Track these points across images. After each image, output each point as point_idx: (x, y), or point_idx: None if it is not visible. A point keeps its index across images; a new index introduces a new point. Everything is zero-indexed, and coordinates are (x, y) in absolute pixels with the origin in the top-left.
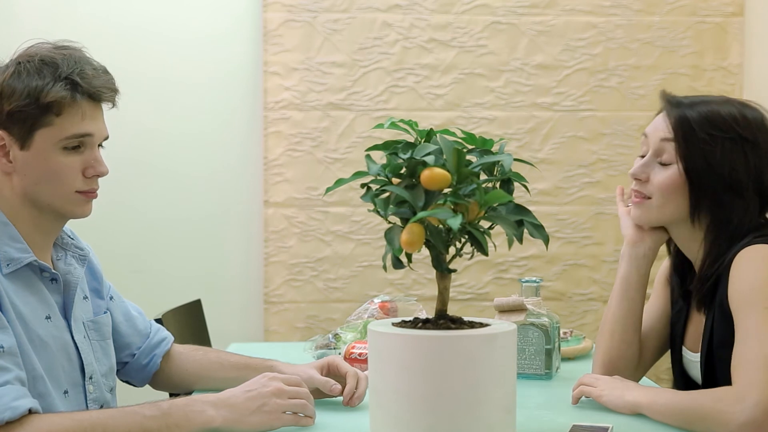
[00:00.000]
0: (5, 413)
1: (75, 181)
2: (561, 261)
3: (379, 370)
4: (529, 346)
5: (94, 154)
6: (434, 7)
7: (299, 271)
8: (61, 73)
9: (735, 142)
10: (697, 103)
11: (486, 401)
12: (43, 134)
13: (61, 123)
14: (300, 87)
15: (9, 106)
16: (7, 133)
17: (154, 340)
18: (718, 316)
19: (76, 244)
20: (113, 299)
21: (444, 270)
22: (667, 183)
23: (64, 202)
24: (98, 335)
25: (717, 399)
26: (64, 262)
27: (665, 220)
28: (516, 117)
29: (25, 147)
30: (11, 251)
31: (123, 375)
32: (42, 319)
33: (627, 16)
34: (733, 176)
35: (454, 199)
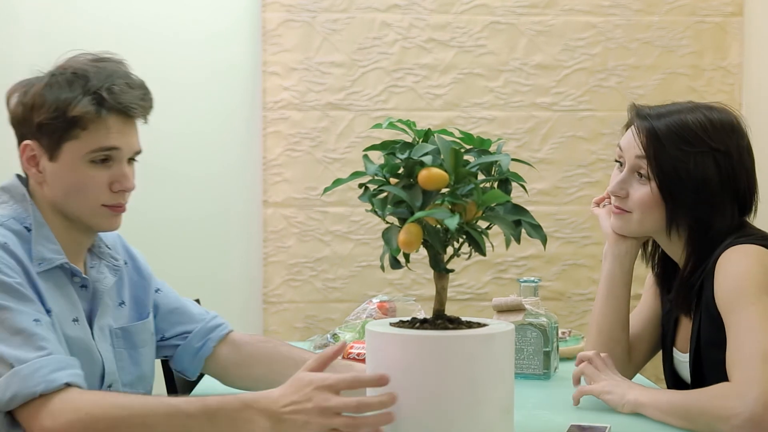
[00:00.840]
0: (39, 386)
1: (101, 194)
2: (560, 261)
3: (376, 370)
4: (527, 346)
5: (122, 168)
6: (433, 7)
7: (298, 271)
8: (90, 87)
9: (706, 154)
10: (665, 114)
11: (484, 401)
12: (71, 147)
13: (87, 137)
14: (299, 87)
15: (39, 117)
16: (37, 144)
17: (210, 324)
18: (704, 318)
19: (112, 254)
20: (160, 291)
21: (442, 270)
22: (645, 200)
23: (91, 215)
24: (127, 344)
25: (717, 396)
26: (97, 270)
27: (645, 232)
28: (515, 117)
29: (53, 158)
30: (44, 251)
31: (176, 363)
32: (70, 320)
33: (626, 15)
34: (707, 188)
35: (452, 199)
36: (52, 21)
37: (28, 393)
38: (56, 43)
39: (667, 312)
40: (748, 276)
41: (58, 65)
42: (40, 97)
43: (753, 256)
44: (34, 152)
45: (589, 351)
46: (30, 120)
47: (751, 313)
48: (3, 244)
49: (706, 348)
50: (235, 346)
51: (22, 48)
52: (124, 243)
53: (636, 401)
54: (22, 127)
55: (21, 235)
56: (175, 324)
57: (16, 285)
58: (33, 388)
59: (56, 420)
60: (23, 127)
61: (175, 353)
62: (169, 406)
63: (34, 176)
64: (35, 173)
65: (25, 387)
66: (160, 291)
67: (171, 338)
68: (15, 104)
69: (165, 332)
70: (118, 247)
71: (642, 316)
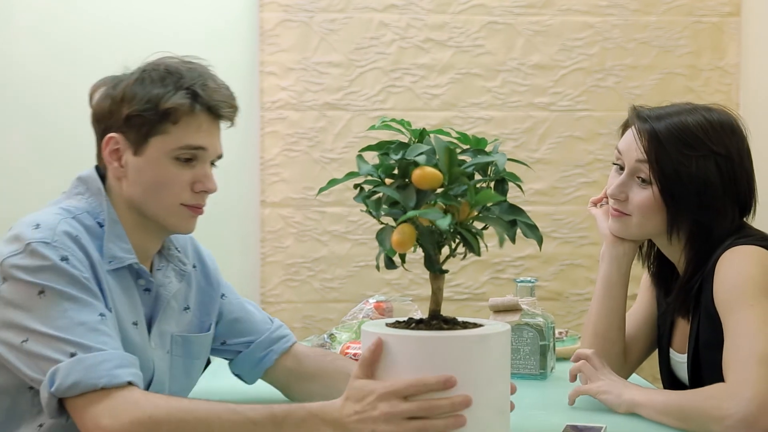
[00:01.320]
0: (103, 378)
1: (182, 193)
2: (557, 261)
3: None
4: (523, 346)
5: (205, 169)
6: (431, 7)
7: (296, 271)
8: (183, 83)
9: (707, 158)
10: (664, 116)
11: (479, 402)
12: (158, 142)
13: (177, 132)
14: (296, 87)
15: (128, 110)
16: (122, 137)
17: (274, 335)
18: (703, 319)
19: (181, 258)
20: (225, 297)
21: (436, 270)
22: (646, 204)
23: (168, 214)
24: (184, 352)
25: (711, 396)
26: (163, 274)
27: (645, 235)
28: (512, 117)
29: (138, 153)
30: (116, 249)
31: (235, 367)
32: (129, 323)
33: (623, 15)
34: (708, 192)
35: (445, 200)
36: (49, 20)
37: (90, 383)
38: (54, 43)
39: (663, 312)
40: (747, 277)
41: (147, 63)
42: (130, 90)
43: (752, 257)
44: (118, 146)
45: (588, 349)
46: (118, 112)
47: (749, 315)
48: (75, 237)
49: (704, 349)
50: (297, 360)
51: (19, 47)
52: (196, 246)
53: (632, 401)
54: (107, 120)
55: (92, 231)
56: (238, 333)
57: (84, 279)
58: (96, 380)
59: (117, 419)
60: (109, 120)
61: (235, 358)
62: (235, 412)
63: (115, 171)
64: (116, 168)
65: (88, 377)
66: (225, 297)
67: (233, 345)
68: (101, 97)
69: (227, 339)
70: (188, 250)
71: (638, 316)
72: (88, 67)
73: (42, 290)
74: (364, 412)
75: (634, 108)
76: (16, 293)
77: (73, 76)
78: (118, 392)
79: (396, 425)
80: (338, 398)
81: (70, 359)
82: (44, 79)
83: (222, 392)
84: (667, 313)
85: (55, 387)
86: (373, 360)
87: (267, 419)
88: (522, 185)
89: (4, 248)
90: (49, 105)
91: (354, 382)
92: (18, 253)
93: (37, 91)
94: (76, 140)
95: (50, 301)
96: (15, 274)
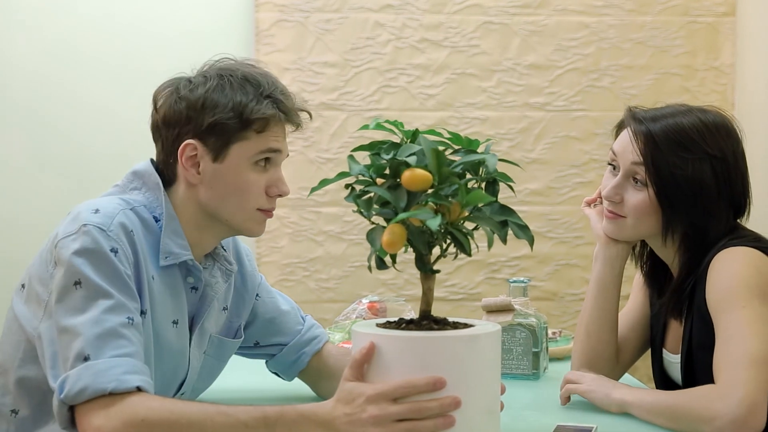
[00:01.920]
0: (111, 383)
1: (259, 198)
2: (553, 261)
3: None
4: (516, 346)
5: (278, 173)
6: (426, 7)
7: (291, 271)
8: (263, 91)
9: (703, 160)
10: (660, 118)
11: (468, 402)
12: (239, 148)
13: (258, 139)
14: (292, 87)
15: (211, 117)
16: (201, 144)
17: (305, 337)
18: (696, 320)
19: (227, 258)
20: (260, 297)
21: (427, 271)
22: (641, 205)
23: (245, 219)
24: (217, 353)
25: (701, 397)
26: (210, 273)
27: (639, 237)
28: (508, 117)
29: (218, 159)
30: (172, 245)
31: (270, 367)
32: (169, 322)
33: (619, 16)
34: (704, 194)
35: (435, 200)
36: (45, 20)
37: (98, 389)
38: (50, 42)
39: (656, 313)
40: (739, 278)
41: (217, 67)
42: (211, 99)
43: (745, 258)
44: (196, 152)
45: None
46: (198, 119)
47: (741, 317)
48: (129, 232)
49: (698, 350)
50: (324, 360)
51: (16, 46)
52: (237, 245)
53: (622, 400)
54: (183, 126)
55: (148, 225)
56: (271, 334)
57: (126, 276)
58: (105, 384)
59: (110, 420)
60: (186, 125)
61: (270, 360)
62: (227, 414)
63: (191, 177)
64: (193, 174)
65: (96, 382)
66: (259, 297)
67: (266, 347)
68: (174, 102)
69: (260, 340)
70: (231, 249)
71: (630, 316)
72: (85, 66)
73: (79, 281)
74: (354, 414)
75: (629, 109)
76: (59, 279)
77: (70, 76)
78: (124, 397)
79: (385, 427)
80: (329, 400)
81: (80, 366)
82: (41, 79)
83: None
84: (660, 314)
85: (65, 394)
86: (363, 361)
87: (259, 421)
88: (514, 185)
89: (62, 228)
90: (46, 104)
91: (344, 384)
92: (72, 234)
93: (33, 90)
94: (73, 139)
95: (83, 294)
96: (63, 255)
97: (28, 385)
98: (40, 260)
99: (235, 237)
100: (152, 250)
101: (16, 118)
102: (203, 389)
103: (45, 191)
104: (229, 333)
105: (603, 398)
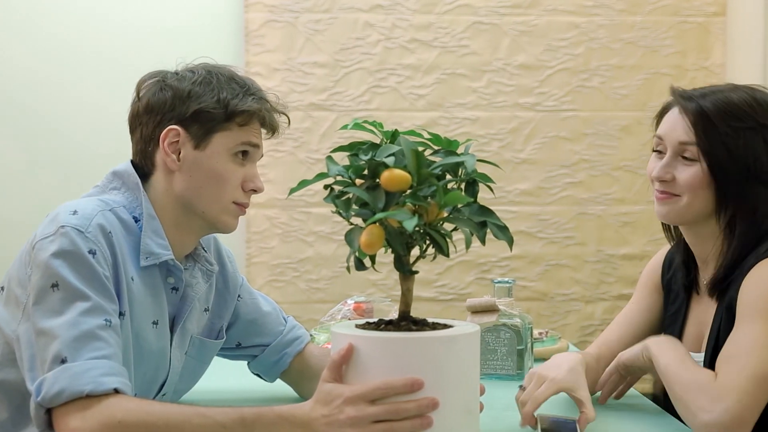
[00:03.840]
0: (88, 386)
1: (235, 191)
2: (543, 261)
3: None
4: (501, 346)
5: (254, 169)
6: (416, 7)
7: (281, 272)
8: (248, 89)
9: (755, 130)
10: (708, 94)
11: (447, 403)
12: (221, 137)
13: (240, 131)
14: (282, 87)
15: (197, 105)
16: (184, 131)
17: (287, 338)
18: (725, 318)
19: (208, 259)
20: (241, 298)
21: (406, 272)
22: (695, 180)
23: (220, 211)
24: (197, 354)
25: (698, 388)
26: (190, 274)
27: (693, 217)
28: (498, 117)
29: (199, 147)
30: (153, 245)
31: (252, 368)
32: (149, 323)
33: (609, 16)
34: (757, 166)
35: (413, 201)
36: (37, 20)
37: (75, 391)
38: (43, 42)
39: (673, 313)
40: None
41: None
42: (197, 89)
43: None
44: (178, 138)
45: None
46: (183, 107)
47: (760, 330)
48: (107, 234)
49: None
50: (306, 360)
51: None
52: (218, 246)
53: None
54: (166, 113)
55: (127, 226)
56: (252, 335)
57: (104, 277)
58: (82, 387)
59: (86, 422)
60: (169, 112)
61: (252, 361)
62: (204, 416)
63: (171, 163)
64: (172, 161)
65: (73, 384)
66: (241, 298)
67: (248, 347)
68: (158, 90)
69: (242, 341)
70: (212, 250)
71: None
72: (76, 65)
73: (56, 283)
74: (331, 415)
75: (675, 89)
76: (37, 281)
77: (62, 75)
78: (101, 399)
79: (363, 428)
80: (308, 401)
81: (57, 368)
82: (33, 77)
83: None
84: (678, 313)
85: (41, 396)
86: (342, 363)
87: (236, 423)
88: (504, 186)
89: (41, 230)
90: (37, 103)
91: (323, 385)
92: (50, 235)
93: (25, 88)
94: (65, 138)
95: (61, 296)
96: (41, 257)
97: (7, 387)
98: (20, 262)
99: (217, 238)
100: (131, 250)
101: (8, 118)
102: (185, 390)
103: (37, 191)
104: (211, 334)
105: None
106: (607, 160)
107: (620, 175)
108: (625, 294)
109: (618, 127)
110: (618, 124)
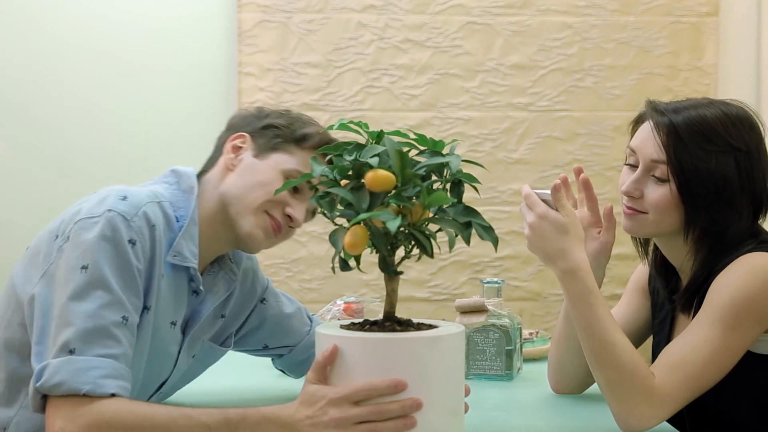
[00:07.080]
0: (87, 385)
1: (273, 203)
2: (536, 261)
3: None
4: (489, 347)
5: (300, 204)
6: (409, 7)
7: (274, 272)
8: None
9: (727, 153)
10: (681, 110)
11: (431, 403)
12: (281, 155)
13: (301, 155)
14: (274, 88)
15: (271, 120)
16: (251, 139)
17: (313, 338)
18: None
19: (233, 269)
20: (267, 301)
21: (390, 272)
22: (663, 201)
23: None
24: (203, 357)
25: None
26: (213, 280)
27: (659, 233)
28: (491, 117)
29: (259, 156)
30: (184, 248)
31: (278, 365)
32: (168, 322)
33: (602, 16)
34: (726, 189)
35: (397, 201)
36: (30, 19)
37: (74, 387)
38: (37, 41)
39: (661, 320)
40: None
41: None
42: (274, 114)
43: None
44: (244, 144)
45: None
46: (257, 120)
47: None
48: (152, 226)
49: None
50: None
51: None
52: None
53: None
54: (242, 126)
55: (169, 222)
56: (279, 337)
57: (136, 270)
58: (81, 385)
59: (74, 422)
60: (244, 123)
61: (278, 359)
62: (190, 417)
63: (228, 161)
64: (231, 158)
65: (73, 380)
66: (266, 302)
67: (274, 348)
68: (242, 113)
69: (269, 343)
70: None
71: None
72: (71, 63)
73: (86, 265)
74: (315, 417)
75: (650, 102)
76: (67, 258)
77: (57, 73)
78: (96, 401)
79: (346, 429)
80: (292, 402)
81: (63, 357)
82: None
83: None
84: (666, 320)
85: (41, 383)
86: (326, 364)
87: (221, 424)
88: (486, 186)
89: (87, 207)
90: (32, 101)
91: (307, 386)
92: (95, 216)
93: (20, 87)
94: (61, 138)
95: (87, 279)
96: (81, 236)
97: (10, 347)
98: (50, 230)
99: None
100: (168, 248)
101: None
102: (179, 389)
103: (32, 190)
104: (219, 340)
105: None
106: (600, 160)
107: (613, 175)
108: (618, 294)
109: (611, 127)
110: (611, 125)
